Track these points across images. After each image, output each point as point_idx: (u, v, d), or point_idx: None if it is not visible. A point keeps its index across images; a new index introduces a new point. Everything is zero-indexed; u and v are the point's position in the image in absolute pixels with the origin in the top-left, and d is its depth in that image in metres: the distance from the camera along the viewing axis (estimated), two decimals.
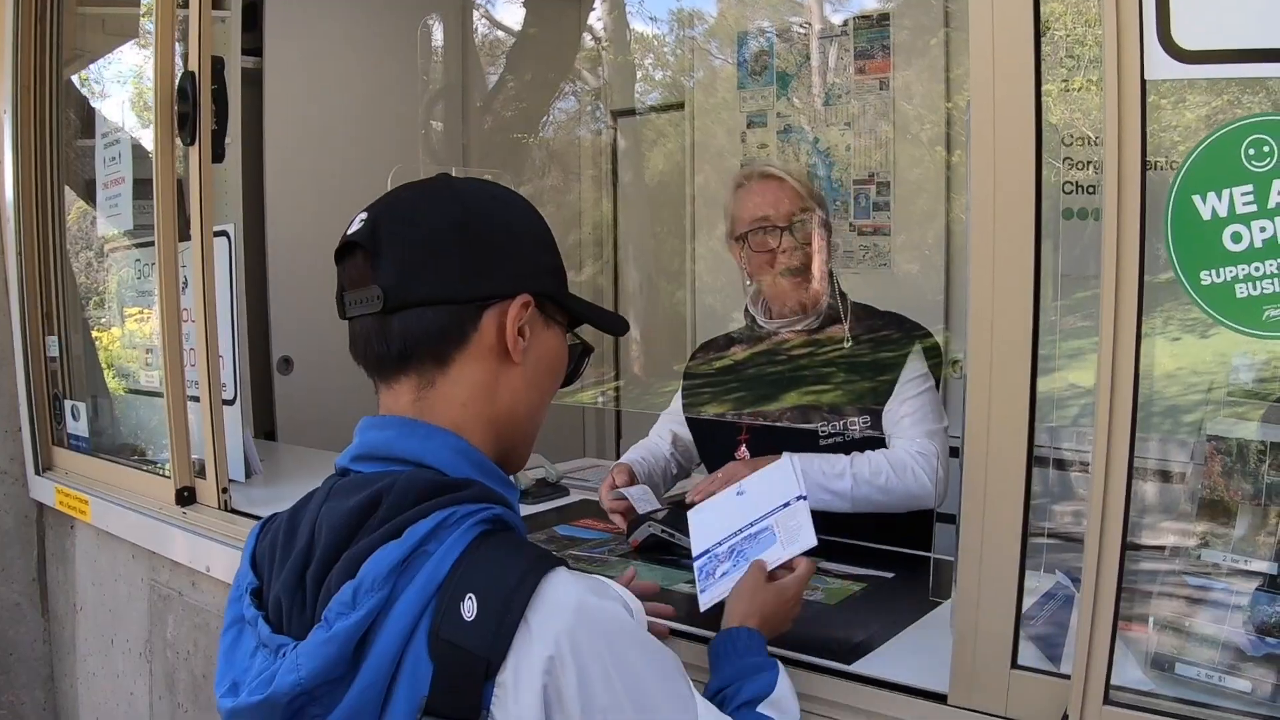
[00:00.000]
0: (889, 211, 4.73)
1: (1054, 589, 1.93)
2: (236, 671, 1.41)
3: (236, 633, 1.46)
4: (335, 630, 1.28)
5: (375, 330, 1.43)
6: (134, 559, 3.62)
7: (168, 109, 3.20)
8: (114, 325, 4.10)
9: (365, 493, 1.37)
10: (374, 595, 1.28)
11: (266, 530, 1.54)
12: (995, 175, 1.65)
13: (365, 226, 1.42)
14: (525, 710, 1.26)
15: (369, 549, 1.32)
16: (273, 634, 1.38)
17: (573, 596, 1.30)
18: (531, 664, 1.26)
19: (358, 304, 1.43)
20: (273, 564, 1.46)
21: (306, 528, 1.41)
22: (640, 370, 5.82)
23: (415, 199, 1.47)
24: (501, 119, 5.98)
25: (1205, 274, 1.52)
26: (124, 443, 4.02)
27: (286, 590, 1.39)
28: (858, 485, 2.60)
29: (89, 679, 4.06)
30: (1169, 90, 1.56)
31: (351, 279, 1.44)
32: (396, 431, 1.44)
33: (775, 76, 4.99)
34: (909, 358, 2.77)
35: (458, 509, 1.35)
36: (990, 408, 1.69)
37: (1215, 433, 1.70)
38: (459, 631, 1.27)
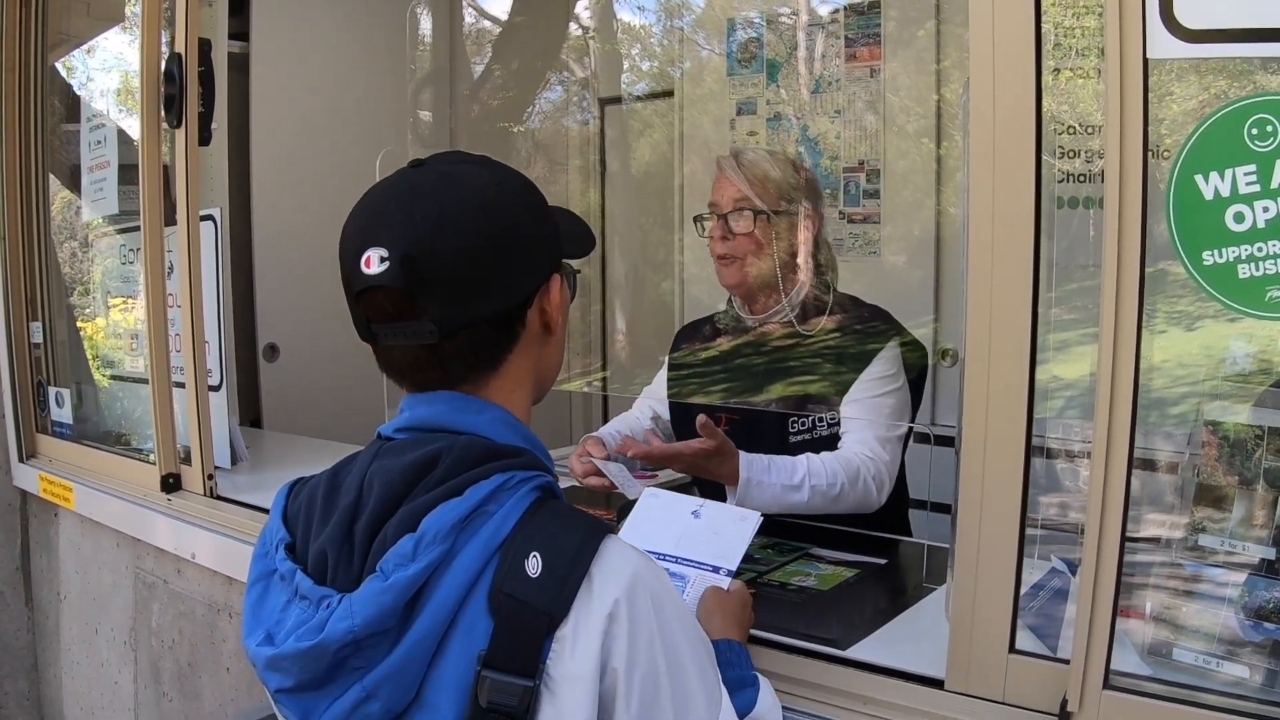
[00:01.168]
0: (879, 199, 4.72)
1: (1048, 576, 1.92)
2: (269, 624, 1.42)
3: (263, 588, 1.47)
4: (393, 580, 1.29)
5: (426, 358, 1.43)
6: (118, 546, 3.60)
7: (154, 91, 3.18)
8: (99, 311, 4.08)
9: (421, 451, 1.39)
10: (435, 549, 1.30)
11: (298, 490, 1.54)
12: (994, 163, 1.64)
13: (393, 266, 1.36)
14: (581, 665, 1.29)
15: (430, 504, 1.34)
16: (315, 586, 1.38)
17: (630, 563, 1.36)
18: (591, 621, 1.30)
19: (400, 335, 1.41)
20: (309, 521, 1.46)
21: (353, 484, 1.42)
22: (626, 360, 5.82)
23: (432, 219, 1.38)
24: (488, 108, 5.96)
25: (1207, 254, 1.51)
26: (108, 430, 4.00)
27: (333, 543, 1.39)
28: (813, 497, 2.55)
29: (73, 668, 4.04)
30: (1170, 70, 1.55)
31: (385, 313, 1.40)
32: (447, 406, 1.46)
33: (765, 64, 4.98)
34: (878, 355, 2.72)
35: (515, 473, 1.38)
36: (988, 396, 1.68)
37: (1212, 418, 1.69)
38: (523, 587, 1.30)
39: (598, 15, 5.90)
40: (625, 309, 5.88)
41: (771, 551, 2.51)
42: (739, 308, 2.89)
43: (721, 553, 2.07)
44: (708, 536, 2.14)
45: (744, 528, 2.14)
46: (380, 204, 1.44)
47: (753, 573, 2.36)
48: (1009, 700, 1.70)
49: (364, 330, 1.44)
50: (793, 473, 2.55)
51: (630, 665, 1.31)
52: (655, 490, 2.32)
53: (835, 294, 2.82)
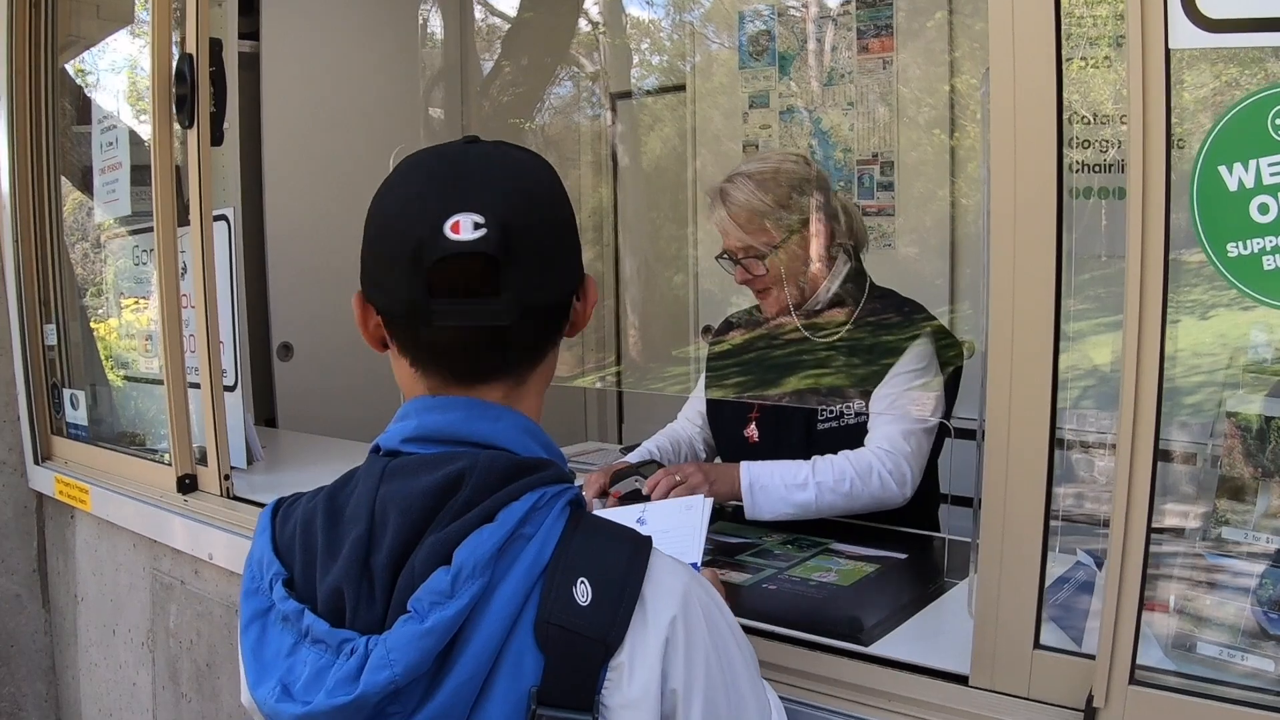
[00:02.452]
0: (893, 191, 4.71)
1: (1072, 569, 1.91)
2: (279, 672, 1.29)
3: (260, 629, 1.34)
4: (434, 622, 1.20)
5: (488, 341, 1.32)
6: (135, 548, 3.60)
7: (165, 92, 3.18)
8: (112, 313, 4.08)
9: (440, 473, 1.28)
10: (474, 583, 1.21)
11: (286, 515, 1.42)
12: (1015, 153, 1.62)
13: (492, 234, 1.25)
14: (639, 692, 1.24)
15: (461, 532, 1.24)
16: (332, 629, 1.27)
17: (679, 578, 1.31)
18: (648, 646, 1.25)
19: (469, 314, 1.29)
20: (309, 552, 1.34)
21: (361, 511, 1.30)
22: (638, 355, 5.82)
23: (522, 191, 1.32)
24: (499, 104, 5.97)
25: (1232, 246, 1.49)
26: (123, 431, 4.00)
27: (349, 580, 1.27)
28: (821, 494, 2.55)
29: (91, 670, 4.04)
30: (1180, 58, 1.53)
31: (460, 286, 1.28)
32: (464, 413, 1.34)
33: (776, 57, 4.97)
34: (912, 346, 2.71)
35: (546, 490, 1.30)
36: (1011, 388, 1.67)
37: (1234, 409, 1.68)
38: (574, 618, 1.23)
39: (607, 10, 5.91)
40: (637, 304, 5.87)
41: (792, 547, 2.50)
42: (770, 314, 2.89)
43: (680, 549, 2.02)
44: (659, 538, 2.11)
45: (693, 516, 2.09)
46: (455, 171, 1.32)
47: (773, 569, 2.35)
48: (1034, 696, 1.69)
49: (416, 308, 1.29)
50: (796, 473, 2.56)
51: (689, 684, 1.26)
52: (599, 510, 2.29)
53: (871, 288, 2.81)
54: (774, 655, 1.93)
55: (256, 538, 1.42)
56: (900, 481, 2.58)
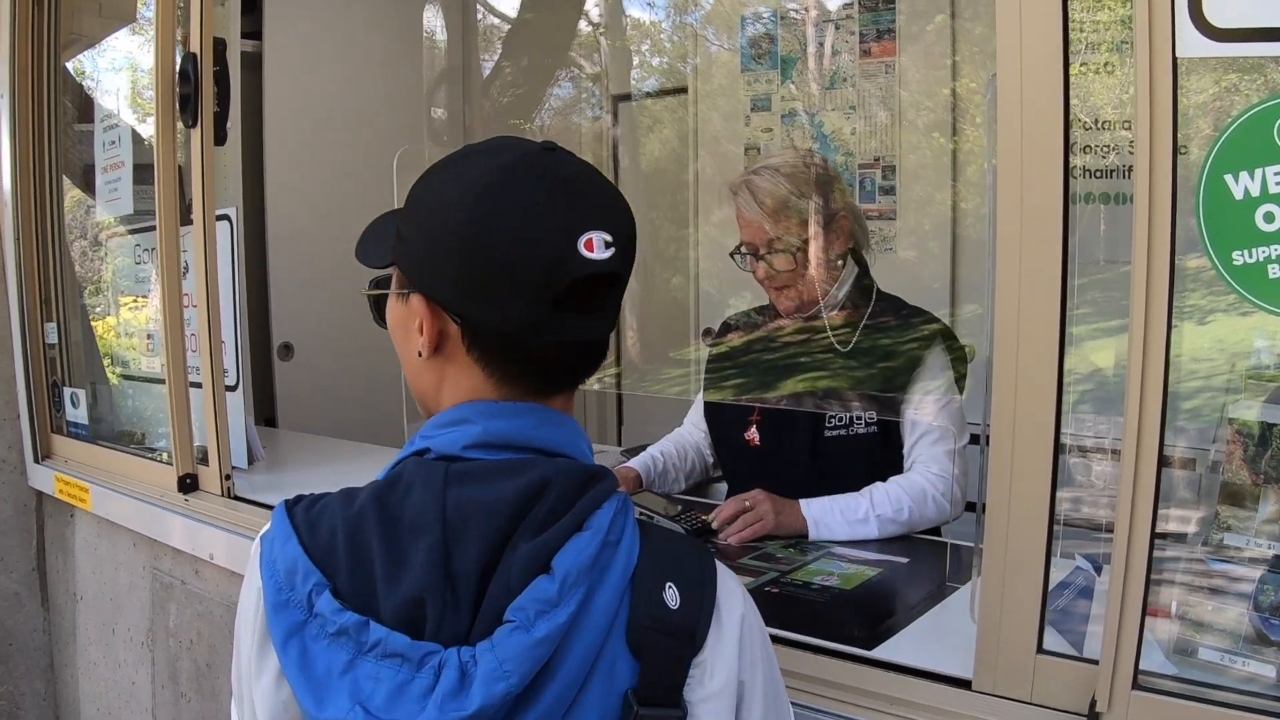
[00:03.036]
0: (894, 195, 4.71)
1: (1072, 575, 1.92)
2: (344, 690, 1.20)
3: (300, 644, 1.24)
4: (545, 631, 1.18)
5: (582, 353, 1.36)
6: (135, 547, 3.60)
7: (169, 91, 3.18)
8: (113, 311, 4.08)
9: (522, 480, 1.27)
10: (578, 590, 1.22)
11: (314, 520, 1.31)
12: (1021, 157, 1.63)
13: (619, 253, 1.29)
14: (720, 684, 1.29)
15: (559, 539, 1.24)
16: (414, 642, 1.20)
17: (736, 583, 1.38)
18: (725, 642, 1.30)
19: (582, 329, 1.32)
20: (359, 559, 1.26)
21: (429, 517, 1.25)
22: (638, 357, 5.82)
23: (626, 207, 1.35)
24: (500, 105, 5.97)
25: (1237, 254, 1.50)
26: (124, 430, 4.00)
27: (431, 589, 1.22)
28: (882, 526, 2.59)
29: (90, 669, 4.04)
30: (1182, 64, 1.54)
31: (586, 304, 1.30)
32: (533, 419, 1.34)
33: (778, 60, 4.97)
34: (930, 362, 2.72)
35: (616, 497, 1.31)
36: (1016, 394, 1.67)
37: (1236, 415, 1.68)
38: (666, 620, 1.26)
39: (608, 12, 5.91)
40: (637, 306, 5.87)
41: (794, 551, 2.51)
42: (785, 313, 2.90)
43: None
44: None
45: None
46: (574, 185, 1.32)
47: (776, 572, 2.35)
48: (1037, 701, 1.69)
49: (540, 323, 1.28)
50: (856, 508, 2.59)
51: (753, 676, 1.32)
52: None
53: (879, 295, 2.83)
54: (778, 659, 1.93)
55: (279, 544, 1.30)
56: (952, 503, 2.63)
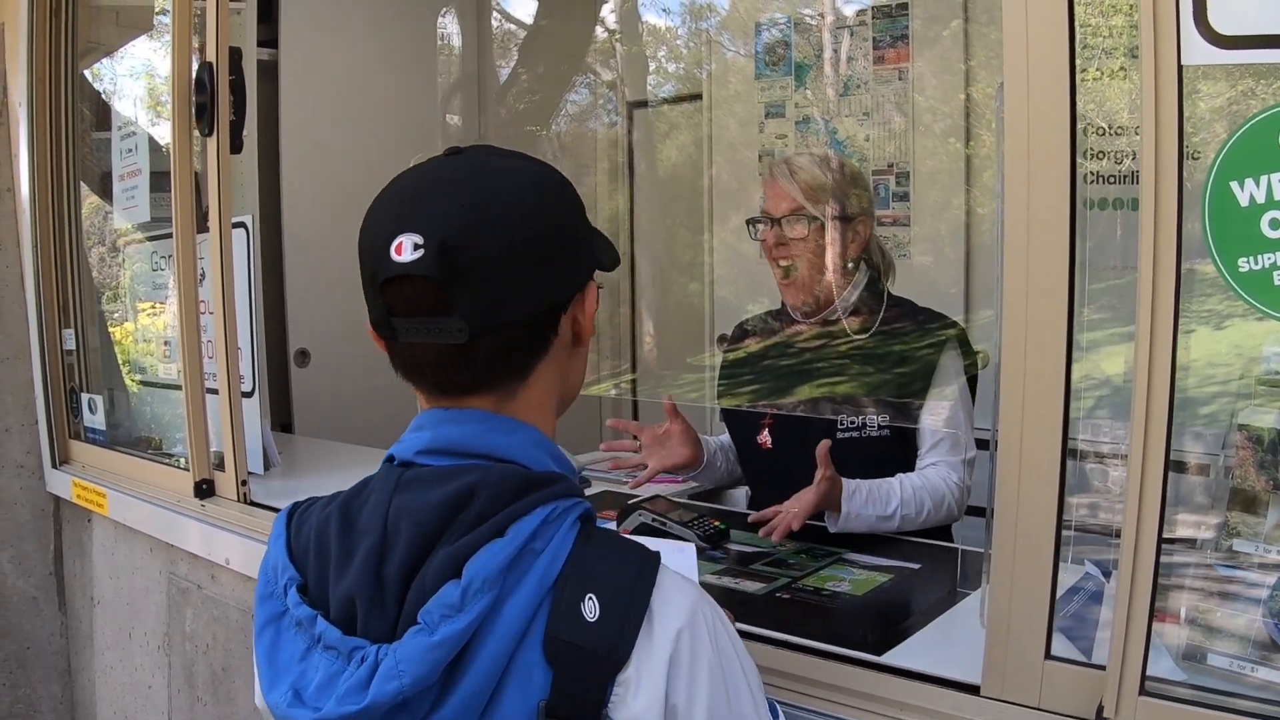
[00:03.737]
0: (909, 202, 4.71)
1: (1081, 580, 1.92)
2: (291, 677, 1.31)
3: (274, 633, 1.35)
4: (443, 635, 1.20)
5: (452, 359, 1.32)
6: (151, 552, 3.61)
7: (185, 100, 3.19)
8: (130, 318, 4.10)
9: (453, 485, 1.29)
10: (484, 597, 1.22)
11: (301, 521, 1.42)
12: (1029, 163, 1.63)
13: (428, 255, 1.26)
14: (644, 704, 1.23)
15: (472, 546, 1.25)
16: (344, 636, 1.28)
17: (687, 595, 1.31)
18: (654, 661, 1.25)
19: (425, 332, 1.30)
20: (322, 558, 1.35)
21: (375, 521, 1.31)
22: (654, 363, 5.82)
23: (473, 208, 1.29)
24: (515, 111, 5.98)
25: (1243, 261, 1.50)
26: (141, 436, 4.01)
27: (361, 589, 1.28)
28: (903, 525, 2.62)
29: (106, 673, 4.05)
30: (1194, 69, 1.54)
31: (411, 305, 1.29)
32: (479, 427, 1.35)
33: (793, 67, 4.98)
34: (946, 366, 2.74)
35: (556, 505, 1.30)
36: (1024, 399, 1.67)
37: (1246, 421, 1.68)
38: (582, 633, 1.23)
39: (623, 18, 5.91)
40: (653, 311, 5.87)
41: (805, 556, 2.51)
42: (792, 309, 2.91)
43: None
44: None
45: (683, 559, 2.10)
46: (414, 189, 1.34)
47: (787, 578, 2.36)
48: (1045, 706, 1.69)
49: (383, 325, 1.33)
50: (886, 503, 2.60)
51: (691, 700, 1.25)
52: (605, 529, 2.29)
53: (890, 296, 2.85)
54: (786, 664, 1.94)
55: (272, 543, 1.43)
56: (960, 506, 2.69)
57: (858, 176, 2.93)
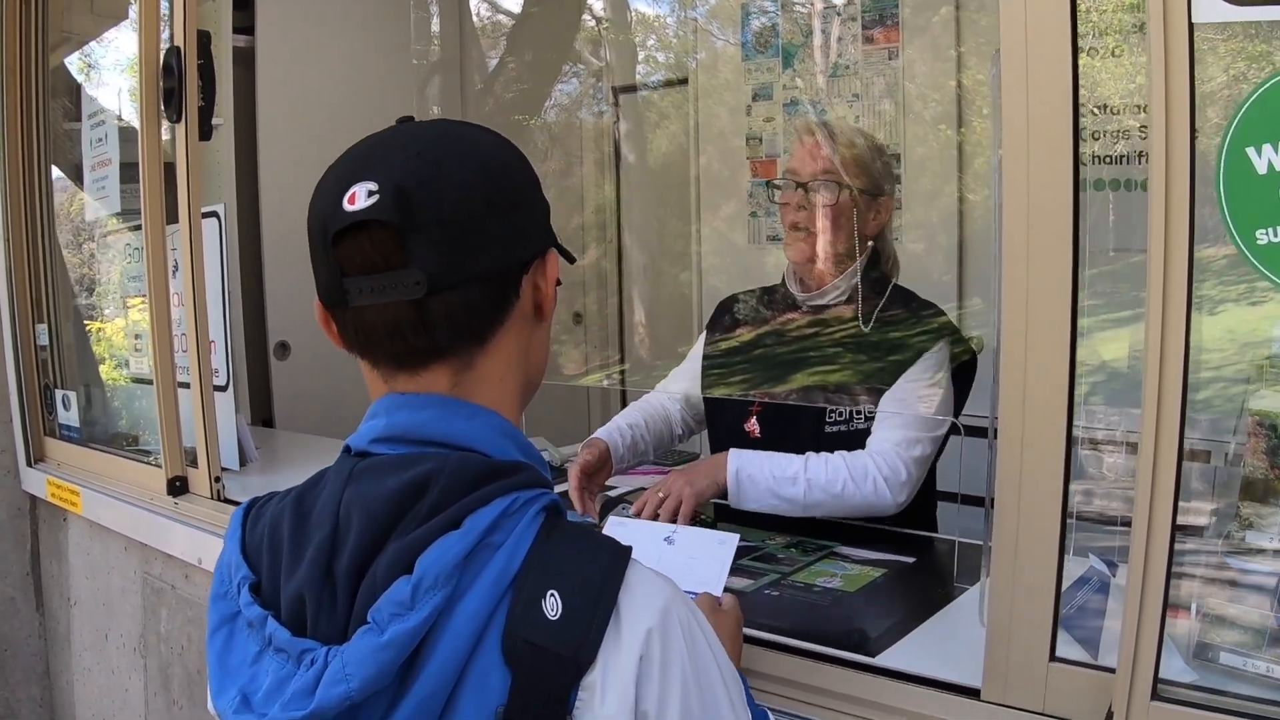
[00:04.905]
0: (900, 186, 4.66)
1: (1086, 574, 1.84)
2: (241, 680, 1.24)
3: (228, 634, 1.29)
4: (393, 635, 1.13)
5: (410, 319, 1.23)
6: (126, 551, 3.56)
7: (153, 86, 3.11)
8: (105, 312, 4.06)
9: (408, 474, 1.21)
10: (437, 594, 1.14)
11: (257, 516, 1.35)
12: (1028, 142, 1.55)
13: (385, 199, 1.19)
14: (611, 713, 1.14)
15: (425, 539, 1.17)
16: (293, 638, 1.20)
17: (659, 593, 1.21)
18: (622, 663, 1.15)
19: (381, 290, 1.21)
20: (275, 555, 1.27)
21: (326, 514, 1.23)
22: (645, 352, 5.79)
23: (431, 160, 1.24)
24: (502, 100, 5.94)
25: (1261, 233, 1.40)
26: (116, 432, 3.96)
27: (311, 586, 1.21)
28: (810, 492, 2.48)
29: (84, 674, 4.01)
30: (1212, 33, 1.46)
31: (367, 261, 1.21)
32: (437, 412, 1.27)
33: (780, 49, 4.93)
34: (926, 354, 2.64)
35: (518, 495, 1.21)
36: (1026, 385, 1.59)
37: (1258, 408, 1.60)
38: (542, 632, 1.14)
39: (610, 5, 5.88)
40: (643, 301, 5.85)
41: (796, 550, 2.44)
42: (792, 284, 2.81)
43: (703, 579, 1.97)
44: (684, 562, 2.03)
45: (722, 551, 2.03)
46: (367, 149, 1.30)
47: (776, 573, 2.29)
48: (1049, 711, 1.62)
49: (333, 289, 1.24)
50: (787, 466, 2.49)
51: (663, 706, 1.16)
52: (622, 519, 2.22)
53: (894, 286, 2.76)
54: (776, 666, 1.87)
55: (227, 540, 1.36)
56: (895, 489, 2.50)
57: (885, 153, 2.86)
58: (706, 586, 1.93)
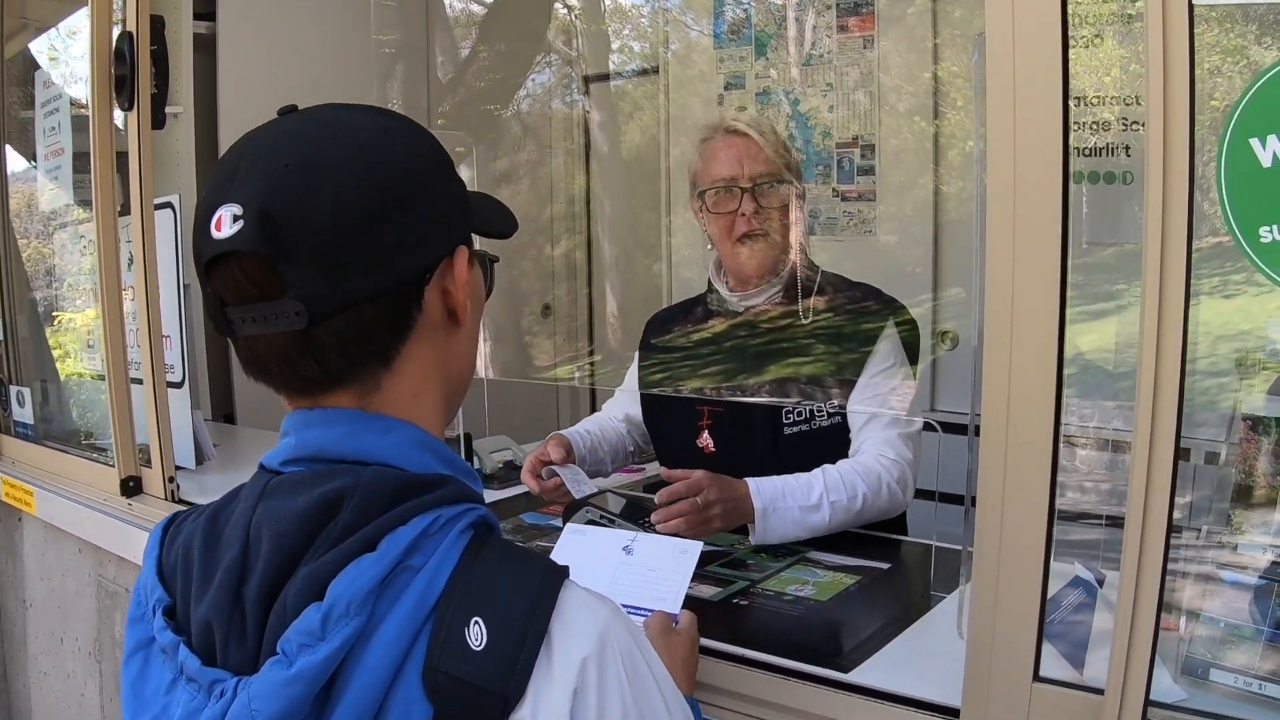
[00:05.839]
0: (874, 176, 4.62)
1: (1070, 585, 1.77)
2: (154, 710, 1.17)
3: (143, 660, 1.21)
4: (301, 668, 1.04)
5: (298, 348, 1.13)
6: (80, 553, 3.48)
7: (105, 72, 3.02)
8: (59, 306, 3.98)
9: (319, 491, 1.12)
10: (349, 622, 1.05)
11: (174, 534, 1.25)
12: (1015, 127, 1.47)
13: (249, 226, 1.09)
14: None
15: (337, 563, 1.07)
16: (203, 667, 1.12)
17: (596, 617, 1.11)
18: (554, 698, 1.06)
19: (262, 320, 1.12)
20: (188, 577, 1.18)
21: (237, 534, 1.15)
22: (617, 344, 5.78)
23: (300, 169, 1.12)
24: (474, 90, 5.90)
25: (1265, 230, 1.32)
26: (72, 430, 3.88)
27: (219, 612, 1.12)
28: (834, 514, 2.39)
29: (40, 679, 3.93)
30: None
31: (242, 291, 1.12)
32: (347, 428, 1.17)
33: (753, 38, 4.89)
34: (881, 341, 2.56)
35: (441, 512, 1.12)
36: (1010, 383, 1.51)
37: (1251, 412, 1.55)
38: (466, 664, 1.05)
39: None
40: (615, 292, 5.83)
41: (765, 556, 2.36)
42: (726, 289, 2.72)
43: (660, 593, 1.88)
44: (642, 574, 1.94)
45: (683, 561, 1.94)
46: (238, 155, 1.16)
47: (745, 580, 2.21)
48: None
49: (218, 318, 1.15)
50: (809, 492, 2.38)
51: None
52: (580, 527, 2.14)
53: (822, 273, 2.66)
54: (743, 684, 1.80)
55: (144, 559, 1.27)
56: (905, 490, 2.45)
57: (796, 158, 2.76)
58: (663, 603, 1.84)
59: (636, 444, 2.97)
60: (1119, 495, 1.62)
